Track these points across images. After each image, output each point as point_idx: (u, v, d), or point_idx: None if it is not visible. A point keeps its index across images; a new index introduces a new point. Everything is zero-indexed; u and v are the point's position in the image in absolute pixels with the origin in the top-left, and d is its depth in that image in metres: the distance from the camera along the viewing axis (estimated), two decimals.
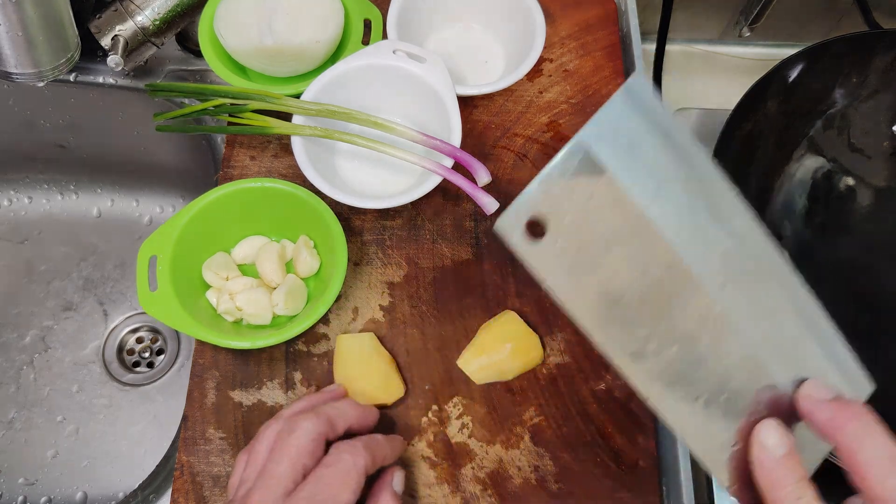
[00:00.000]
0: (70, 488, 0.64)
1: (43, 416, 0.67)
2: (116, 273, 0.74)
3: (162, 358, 0.72)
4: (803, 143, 0.56)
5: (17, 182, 0.75)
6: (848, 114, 0.56)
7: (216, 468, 0.45)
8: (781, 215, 0.55)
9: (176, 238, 0.46)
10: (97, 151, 0.71)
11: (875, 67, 0.54)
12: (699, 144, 0.29)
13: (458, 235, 0.52)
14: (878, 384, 0.50)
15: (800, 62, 0.53)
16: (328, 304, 0.44)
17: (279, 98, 0.49)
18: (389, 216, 0.52)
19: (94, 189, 0.76)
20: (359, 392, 0.45)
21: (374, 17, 0.55)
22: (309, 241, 0.49)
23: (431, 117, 0.51)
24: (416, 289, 0.50)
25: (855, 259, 0.54)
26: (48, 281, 0.73)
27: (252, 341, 0.44)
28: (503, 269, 0.50)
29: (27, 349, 0.70)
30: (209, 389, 0.47)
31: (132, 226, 0.76)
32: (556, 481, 0.45)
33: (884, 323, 0.52)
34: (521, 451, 0.45)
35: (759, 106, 0.53)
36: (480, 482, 0.45)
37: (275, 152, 0.54)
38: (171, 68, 0.63)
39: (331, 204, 0.48)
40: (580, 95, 0.57)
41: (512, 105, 0.56)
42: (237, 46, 0.51)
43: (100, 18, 0.55)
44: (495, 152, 0.55)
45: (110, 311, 0.73)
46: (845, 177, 0.56)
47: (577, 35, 0.59)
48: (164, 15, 0.55)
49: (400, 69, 0.50)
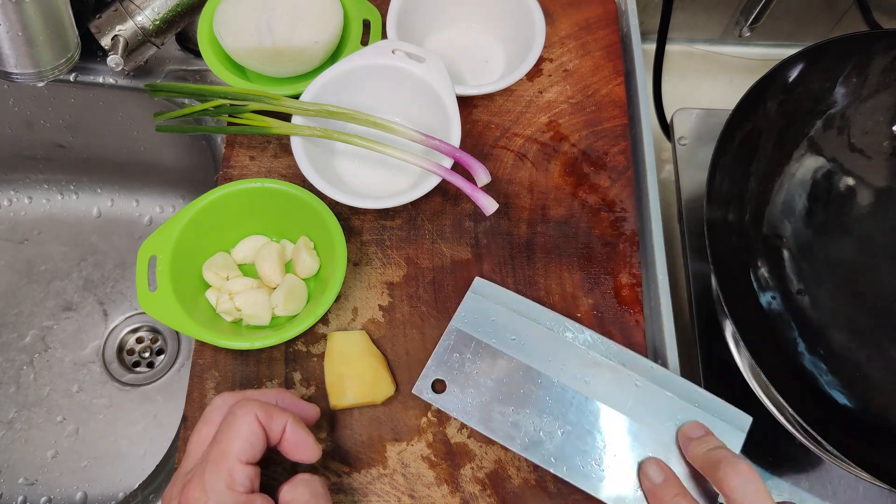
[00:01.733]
0: (70, 488, 0.64)
1: (43, 416, 0.67)
2: (116, 273, 0.74)
3: (162, 358, 0.72)
4: (803, 143, 0.56)
5: (17, 182, 0.75)
6: (848, 114, 0.56)
7: None
8: (781, 215, 0.55)
9: (176, 238, 0.46)
10: (97, 151, 0.71)
11: (875, 67, 0.54)
12: (530, 303, 0.46)
13: (458, 235, 0.52)
14: (878, 384, 0.50)
15: (800, 62, 0.53)
16: (327, 305, 0.44)
17: (278, 98, 0.49)
18: (389, 216, 0.52)
19: (94, 189, 0.76)
20: (348, 389, 0.45)
21: (374, 18, 0.55)
22: (309, 243, 0.49)
23: (431, 117, 0.51)
24: (416, 289, 0.50)
25: (855, 259, 0.54)
26: (48, 281, 0.73)
27: (251, 342, 0.44)
28: (503, 269, 0.50)
29: (27, 349, 0.70)
30: (209, 390, 0.47)
31: (132, 226, 0.76)
32: (555, 482, 0.45)
33: (884, 323, 0.52)
34: None
35: (759, 106, 0.53)
36: (480, 482, 0.45)
37: (274, 152, 0.54)
38: (171, 68, 0.63)
39: (330, 204, 0.48)
40: (580, 95, 0.57)
41: (511, 105, 0.56)
42: (236, 47, 0.51)
43: (100, 18, 0.55)
44: (495, 152, 0.55)
45: (110, 311, 0.73)
46: (845, 177, 0.56)
47: (576, 35, 0.59)
48: (164, 15, 0.55)
49: (399, 69, 0.50)
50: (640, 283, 0.50)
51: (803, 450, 0.49)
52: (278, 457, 0.38)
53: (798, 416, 0.43)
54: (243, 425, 0.35)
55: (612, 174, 0.54)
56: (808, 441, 0.48)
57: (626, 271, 0.51)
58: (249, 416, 0.36)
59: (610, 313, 0.49)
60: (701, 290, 0.55)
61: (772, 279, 0.53)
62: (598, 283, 0.50)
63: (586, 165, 0.54)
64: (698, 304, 0.55)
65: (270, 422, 0.36)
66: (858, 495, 0.50)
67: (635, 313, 0.49)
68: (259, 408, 0.36)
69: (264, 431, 0.36)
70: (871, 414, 0.49)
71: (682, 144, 0.62)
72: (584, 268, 0.51)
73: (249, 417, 0.36)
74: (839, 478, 0.50)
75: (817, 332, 0.51)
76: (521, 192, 0.53)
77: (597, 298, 0.50)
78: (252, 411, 0.36)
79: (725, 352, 0.51)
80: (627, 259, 0.51)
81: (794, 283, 0.53)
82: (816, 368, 0.50)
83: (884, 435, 0.48)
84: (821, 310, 0.52)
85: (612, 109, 0.56)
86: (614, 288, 0.50)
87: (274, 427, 0.36)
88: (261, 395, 0.39)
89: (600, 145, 0.55)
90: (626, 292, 0.50)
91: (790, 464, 0.51)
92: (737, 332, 0.45)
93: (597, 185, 0.54)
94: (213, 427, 0.37)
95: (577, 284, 0.50)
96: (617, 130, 0.56)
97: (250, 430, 0.35)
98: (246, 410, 0.36)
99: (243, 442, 0.35)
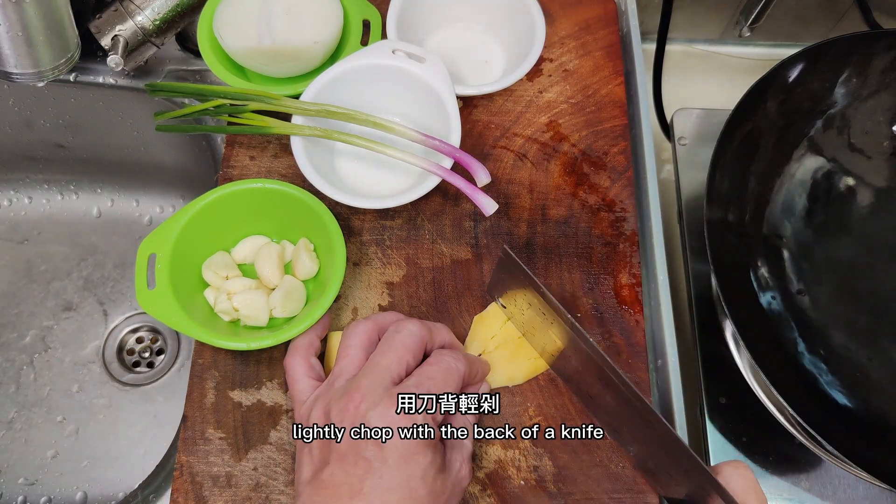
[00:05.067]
0: (70, 488, 0.64)
1: (43, 416, 0.67)
2: (116, 273, 0.74)
3: (162, 358, 0.72)
4: (803, 143, 0.56)
5: (17, 182, 0.75)
6: (848, 114, 0.56)
7: (216, 468, 0.45)
8: (781, 215, 0.55)
9: (175, 237, 0.46)
10: (97, 151, 0.71)
11: (875, 67, 0.54)
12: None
13: (458, 235, 0.52)
14: (878, 384, 0.50)
15: (800, 62, 0.53)
16: (325, 307, 0.44)
17: (278, 98, 0.49)
18: (389, 216, 0.52)
19: (94, 189, 0.76)
20: None
21: (373, 18, 0.55)
22: (309, 245, 0.49)
23: (431, 117, 0.51)
24: (416, 289, 0.50)
25: (855, 259, 0.54)
26: (48, 281, 0.73)
27: (247, 342, 0.44)
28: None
29: (27, 349, 0.70)
30: (209, 389, 0.47)
31: (132, 226, 0.76)
32: (555, 482, 0.45)
33: (884, 323, 0.52)
34: (520, 452, 0.45)
35: (759, 106, 0.53)
36: (480, 482, 0.44)
37: (274, 152, 0.54)
38: (171, 68, 0.63)
39: (330, 204, 0.48)
40: (580, 95, 0.57)
41: (511, 105, 0.56)
42: (236, 47, 0.51)
43: (100, 18, 0.55)
44: (495, 152, 0.55)
45: (110, 311, 0.73)
46: (845, 177, 0.56)
47: (576, 35, 0.59)
48: (164, 15, 0.55)
49: (399, 69, 0.50)
50: (640, 283, 0.50)
51: (803, 450, 0.50)
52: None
53: (798, 416, 0.43)
54: (453, 379, 0.39)
55: (612, 174, 0.54)
56: (808, 441, 0.48)
57: (626, 271, 0.51)
58: (460, 370, 0.40)
59: (610, 313, 0.49)
60: (701, 290, 0.55)
61: (772, 279, 0.53)
62: (597, 282, 0.50)
63: (586, 165, 0.54)
64: (698, 304, 0.55)
65: (467, 379, 0.41)
66: (858, 495, 0.50)
67: (635, 313, 0.49)
68: (463, 364, 0.40)
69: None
70: (871, 414, 0.49)
71: (682, 144, 0.62)
72: (584, 268, 0.51)
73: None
74: (839, 478, 0.50)
75: (817, 332, 0.51)
76: (520, 192, 0.53)
77: (597, 298, 0.50)
78: (461, 368, 0.40)
79: (725, 352, 0.51)
80: (627, 259, 0.51)
81: (794, 283, 0.53)
82: (816, 368, 0.50)
83: (884, 435, 0.48)
84: (821, 310, 0.52)
85: (612, 109, 0.56)
86: (614, 288, 0.50)
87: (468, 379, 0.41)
88: (435, 328, 0.43)
89: (600, 145, 0.55)
90: (626, 292, 0.50)
91: (790, 464, 0.51)
92: (737, 332, 0.45)
93: (597, 185, 0.54)
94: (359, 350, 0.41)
95: (577, 284, 0.50)
96: (617, 130, 0.56)
97: (458, 383, 0.39)
98: (455, 366, 0.40)
99: (453, 391, 0.39)
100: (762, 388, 0.49)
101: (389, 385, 0.37)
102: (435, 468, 0.36)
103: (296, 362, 0.42)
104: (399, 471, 0.35)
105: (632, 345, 0.48)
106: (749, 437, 0.51)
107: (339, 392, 0.38)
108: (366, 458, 0.35)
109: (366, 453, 0.35)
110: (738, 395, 0.51)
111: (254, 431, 0.45)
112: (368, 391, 0.37)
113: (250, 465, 0.44)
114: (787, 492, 0.50)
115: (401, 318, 0.43)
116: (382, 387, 0.37)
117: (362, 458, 0.35)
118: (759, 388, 0.49)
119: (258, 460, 0.45)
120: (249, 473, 0.44)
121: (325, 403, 0.38)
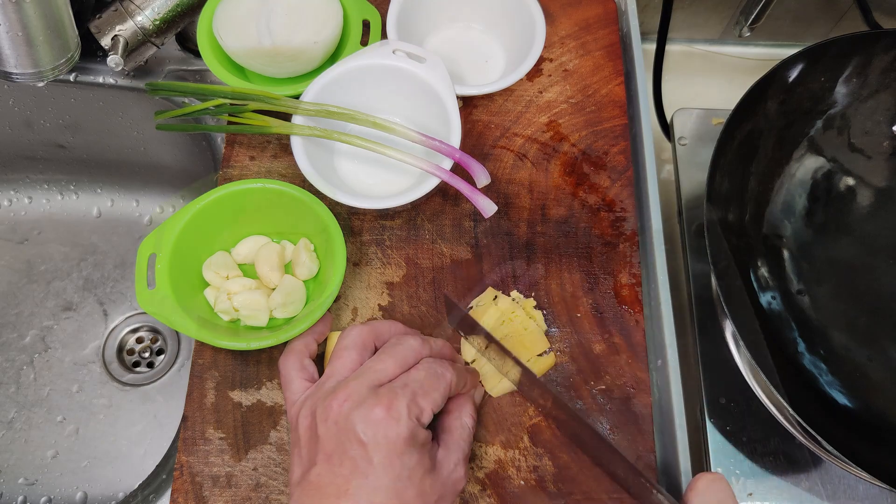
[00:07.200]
0: (70, 488, 0.64)
1: (43, 416, 0.67)
2: (116, 273, 0.74)
3: (162, 358, 0.72)
4: (803, 143, 0.56)
5: (17, 182, 0.75)
6: (848, 114, 0.56)
7: (216, 468, 0.45)
8: (781, 215, 0.55)
9: (175, 237, 0.46)
10: (97, 151, 0.71)
11: (875, 67, 0.54)
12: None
13: (458, 235, 0.52)
14: (878, 384, 0.50)
15: (800, 62, 0.53)
16: (325, 307, 0.44)
17: (278, 98, 0.49)
18: (389, 216, 0.52)
19: (94, 189, 0.76)
20: None
21: (373, 18, 0.55)
22: (309, 245, 0.49)
23: (431, 117, 0.51)
24: (416, 289, 0.50)
25: (855, 259, 0.54)
26: (48, 281, 0.73)
27: (247, 342, 0.44)
28: (502, 269, 0.50)
29: (27, 349, 0.70)
30: (209, 389, 0.47)
31: (132, 226, 0.76)
32: (554, 482, 0.45)
33: (884, 323, 0.52)
34: (519, 452, 0.45)
35: (759, 106, 0.52)
36: (479, 482, 0.44)
37: (274, 152, 0.54)
38: (171, 68, 0.63)
39: (330, 204, 0.48)
40: (580, 95, 0.57)
41: (511, 105, 0.56)
42: (236, 47, 0.51)
43: (100, 18, 0.55)
44: (495, 152, 0.55)
45: (110, 311, 0.73)
46: (845, 177, 0.56)
47: (576, 35, 0.59)
48: (164, 15, 0.55)
49: (399, 69, 0.50)
50: (639, 282, 0.50)
51: (803, 450, 0.50)
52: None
53: (798, 416, 0.43)
54: (441, 385, 0.39)
55: (611, 174, 0.54)
56: (808, 441, 0.48)
57: (626, 271, 0.51)
58: (448, 377, 0.40)
59: (610, 313, 0.49)
60: (701, 290, 0.55)
61: (772, 279, 0.53)
62: (597, 282, 0.50)
63: (586, 165, 0.54)
64: (698, 304, 0.55)
65: (454, 389, 0.40)
66: (858, 495, 0.50)
67: (635, 313, 0.49)
68: (451, 373, 0.40)
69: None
70: (871, 414, 0.49)
71: (682, 144, 0.62)
72: (584, 268, 0.51)
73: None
74: (839, 478, 0.50)
75: (817, 332, 0.51)
76: (520, 192, 0.53)
77: (597, 298, 0.50)
78: (449, 376, 0.40)
79: (725, 352, 0.51)
80: (627, 259, 0.51)
81: (794, 283, 0.53)
82: (816, 368, 0.50)
83: (884, 435, 0.48)
84: (821, 310, 0.52)
85: (612, 109, 0.56)
86: (614, 288, 0.50)
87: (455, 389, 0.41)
88: (436, 346, 0.43)
89: (600, 145, 0.55)
90: (626, 292, 0.50)
91: (790, 464, 0.51)
92: (737, 332, 0.45)
93: (597, 184, 0.54)
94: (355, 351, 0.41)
95: (577, 284, 0.50)
96: (617, 130, 0.56)
97: (446, 389, 0.39)
98: (442, 372, 0.40)
99: (440, 396, 0.39)
100: (762, 388, 0.49)
101: (376, 387, 0.37)
102: (423, 469, 0.36)
103: (289, 363, 0.43)
104: (384, 471, 0.35)
105: (632, 345, 0.48)
106: (749, 437, 0.51)
107: (326, 392, 0.38)
108: (351, 457, 0.35)
109: (351, 453, 0.35)
110: (738, 395, 0.51)
111: (254, 431, 0.45)
112: (354, 391, 0.37)
113: (250, 465, 0.45)
114: (787, 492, 0.50)
115: (401, 330, 0.43)
116: (368, 388, 0.37)
117: (348, 458, 0.35)
118: (759, 388, 0.49)
119: (258, 460, 0.45)
120: (249, 473, 0.44)
121: (312, 403, 0.38)
